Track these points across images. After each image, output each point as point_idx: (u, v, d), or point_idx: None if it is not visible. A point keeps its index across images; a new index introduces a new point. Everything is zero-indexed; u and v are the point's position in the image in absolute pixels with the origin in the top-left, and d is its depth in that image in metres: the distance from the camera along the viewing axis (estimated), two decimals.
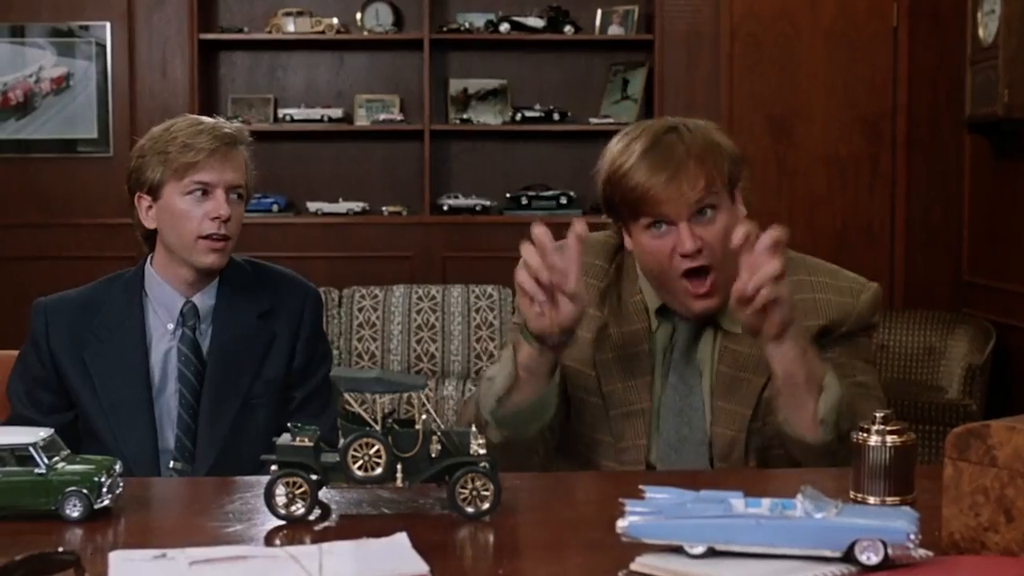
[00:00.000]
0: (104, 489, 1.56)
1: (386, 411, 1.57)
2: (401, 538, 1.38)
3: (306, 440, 1.56)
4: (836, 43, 5.79)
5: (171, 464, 2.33)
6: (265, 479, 1.57)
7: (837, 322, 2.10)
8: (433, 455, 1.55)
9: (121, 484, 1.60)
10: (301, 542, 1.46)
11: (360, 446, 1.54)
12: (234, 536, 1.48)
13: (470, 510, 1.55)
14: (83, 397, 2.33)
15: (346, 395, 1.57)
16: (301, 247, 5.84)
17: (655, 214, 2.02)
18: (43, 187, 5.92)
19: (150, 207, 2.36)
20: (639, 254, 2.12)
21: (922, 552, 1.32)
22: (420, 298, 5.60)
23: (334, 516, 1.58)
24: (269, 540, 1.48)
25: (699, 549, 1.32)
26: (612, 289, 2.17)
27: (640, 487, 1.41)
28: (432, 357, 5.54)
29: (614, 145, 2.08)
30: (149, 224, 2.37)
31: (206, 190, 2.32)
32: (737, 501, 1.35)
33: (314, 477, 1.55)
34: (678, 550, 1.32)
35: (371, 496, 1.65)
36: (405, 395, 1.57)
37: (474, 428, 1.60)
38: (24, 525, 1.52)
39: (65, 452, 1.60)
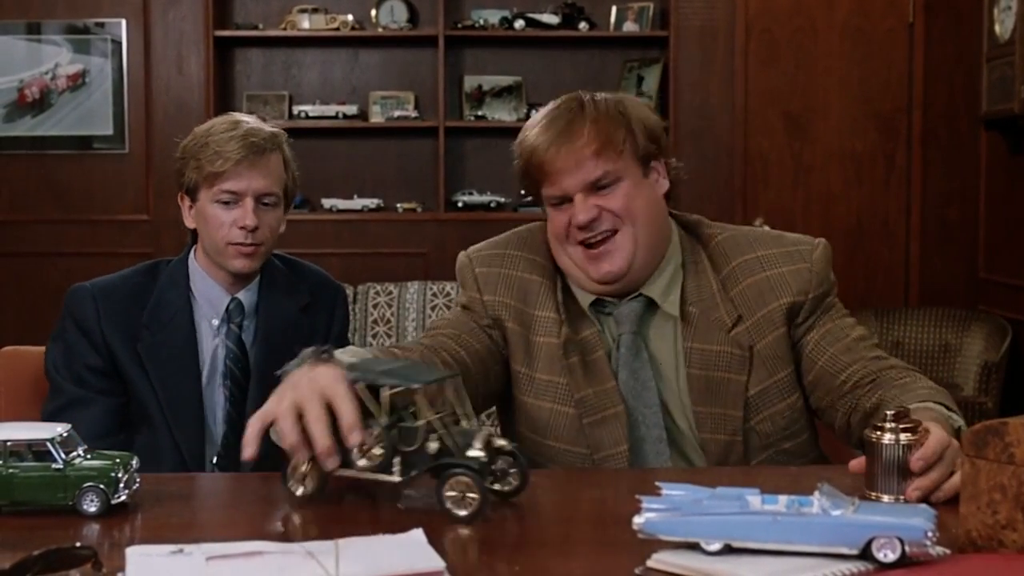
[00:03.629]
0: (121, 484, 1.56)
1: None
2: (417, 534, 1.38)
3: None
4: (852, 39, 5.78)
5: (214, 460, 2.34)
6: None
7: (801, 292, 2.03)
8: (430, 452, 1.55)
9: (138, 480, 1.61)
10: (317, 538, 1.46)
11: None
12: (250, 531, 1.49)
13: (461, 512, 1.53)
14: (139, 387, 2.35)
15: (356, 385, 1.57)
16: (316, 244, 5.85)
17: (553, 186, 2.00)
18: (59, 184, 5.93)
19: (191, 207, 2.40)
20: (549, 234, 2.08)
21: (939, 550, 1.32)
22: (435, 295, 5.60)
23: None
24: (285, 535, 1.49)
25: (716, 546, 1.31)
26: (564, 291, 2.09)
27: (656, 483, 1.41)
28: None
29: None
30: (190, 224, 2.42)
31: (235, 199, 2.34)
32: (754, 498, 1.35)
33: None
34: (694, 547, 1.32)
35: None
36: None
37: (487, 428, 1.60)
38: (41, 520, 1.53)
39: (83, 447, 1.61)
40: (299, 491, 1.61)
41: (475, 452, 1.55)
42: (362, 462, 1.56)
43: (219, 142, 2.34)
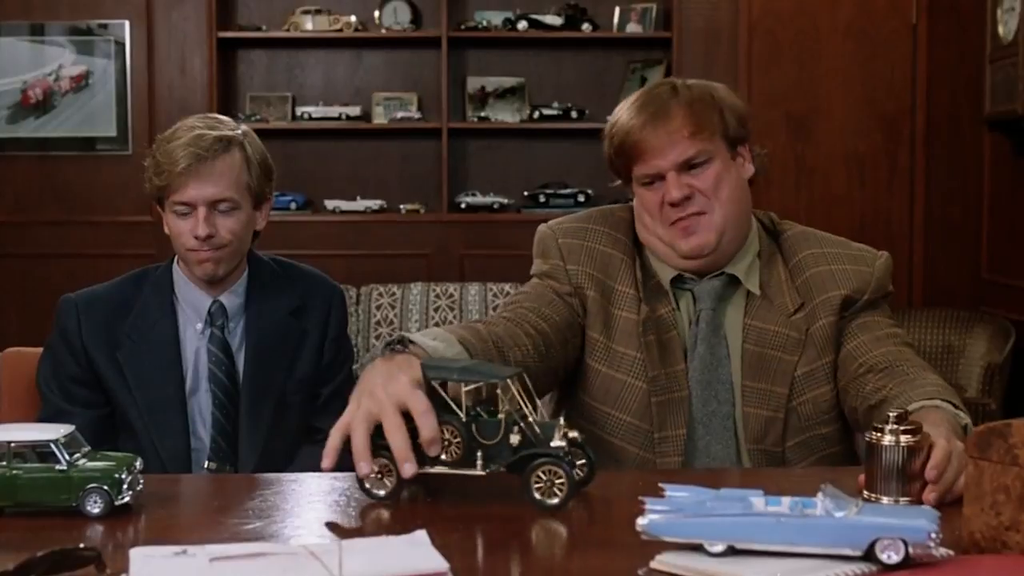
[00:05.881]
0: (125, 486, 1.56)
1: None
2: (421, 535, 1.38)
3: None
4: (855, 40, 5.77)
5: (205, 464, 2.34)
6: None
7: (858, 291, 2.12)
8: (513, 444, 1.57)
9: (142, 481, 1.61)
10: (321, 539, 1.46)
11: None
12: (254, 533, 1.49)
13: (551, 501, 1.55)
14: (119, 396, 2.35)
15: (433, 383, 1.59)
16: (319, 245, 5.86)
17: (645, 164, 2.07)
18: (62, 185, 5.94)
19: (163, 214, 2.39)
20: (638, 213, 2.15)
21: (943, 551, 1.31)
22: (438, 296, 5.60)
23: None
24: (289, 537, 1.49)
25: (719, 547, 1.31)
26: (643, 269, 2.16)
27: (660, 484, 1.41)
28: None
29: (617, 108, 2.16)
30: (166, 231, 2.39)
31: (188, 209, 2.33)
32: (757, 499, 1.35)
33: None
34: (698, 548, 1.32)
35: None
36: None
37: (562, 420, 1.61)
38: (45, 521, 1.53)
39: (86, 449, 1.61)
40: (381, 492, 1.62)
41: (558, 442, 1.57)
42: (443, 457, 1.57)
43: (165, 152, 2.32)
